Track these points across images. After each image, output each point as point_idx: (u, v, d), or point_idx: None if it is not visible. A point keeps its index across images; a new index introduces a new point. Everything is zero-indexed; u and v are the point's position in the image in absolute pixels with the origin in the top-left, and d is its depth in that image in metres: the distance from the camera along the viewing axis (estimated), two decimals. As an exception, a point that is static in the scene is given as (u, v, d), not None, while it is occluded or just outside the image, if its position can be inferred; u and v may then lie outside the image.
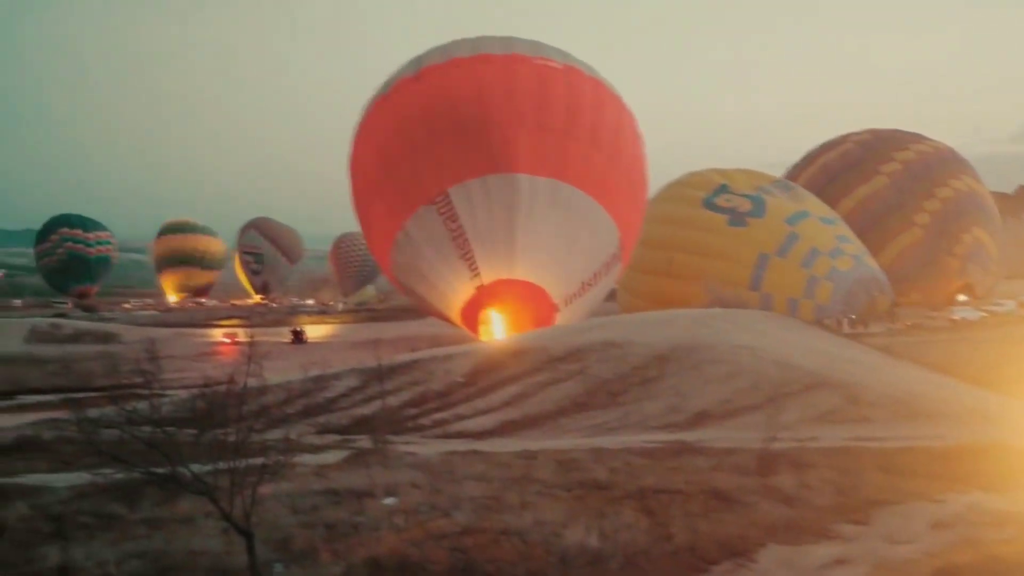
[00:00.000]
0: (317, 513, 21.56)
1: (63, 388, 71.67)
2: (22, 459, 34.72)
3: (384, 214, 79.39)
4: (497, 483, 24.47)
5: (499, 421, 43.42)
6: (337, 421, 45.21)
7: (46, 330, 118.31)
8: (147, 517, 21.90)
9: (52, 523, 21.54)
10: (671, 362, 47.68)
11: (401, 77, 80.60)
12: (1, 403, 66.60)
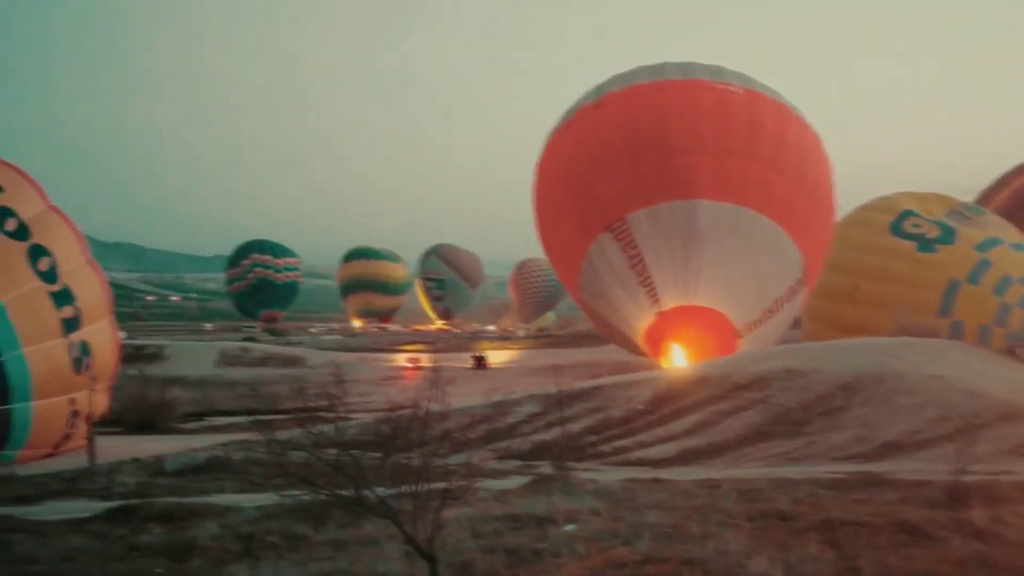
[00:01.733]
0: (499, 538, 21.62)
1: (252, 410, 73.38)
2: (213, 479, 35.72)
3: (567, 241, 79.83)
4: (679, 512, 24.23)
5: (680, 449, 43.08)
6: (518, 447, 45.42)
7: (236, 353, 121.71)
8: (332, 539, 22.28)
9: (241, 543, 22.06)
10: (857, 391, 46.71)
11: (582, 105, 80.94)
12: (192, 424, 68.55)
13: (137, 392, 67.90)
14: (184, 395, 79.88)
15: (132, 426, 62.54)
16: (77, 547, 21.97)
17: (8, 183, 48.95)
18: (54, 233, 49.48)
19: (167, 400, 69.48)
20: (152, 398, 68.05)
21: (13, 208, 47.96)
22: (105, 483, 35.72)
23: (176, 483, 35.07)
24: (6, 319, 45.17)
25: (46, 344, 46.34)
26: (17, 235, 47.33)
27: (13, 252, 46.97)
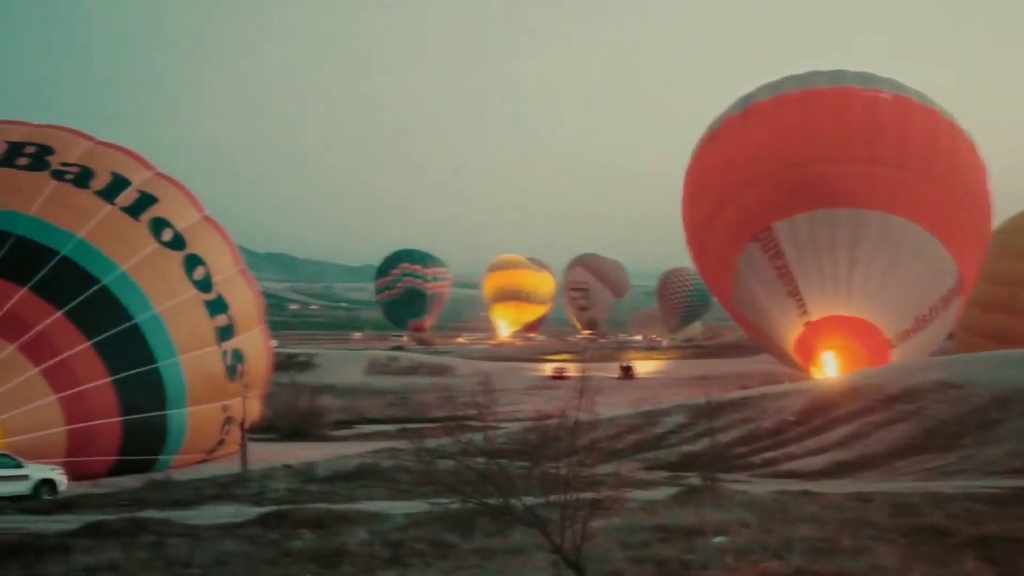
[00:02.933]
0: (647, 549, 21.43)
1: (400, 418, 74.24)
2: (362, 486, 36.12)
3: (717, 251, 79.52)
4: (830, 525, 23.77)
5: (831, 461, 42.35)
6: (666, 457, 45.13)
7: (384, 362, 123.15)
8: (480, 547, 22.30)
9: (390, 549, 22.21)
10: (1015, 404, 45.37)
11: (729, 115, 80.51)
12: (342, 431, 69.46)
13: (288, 400, 69.07)
14: (334, 403, 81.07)
15: (284, 433, 63.64)
16: (230, 551, 22.35)
17: (164, 194, 50.24)
18: (209, 243, 50.66)
19: (318, 408, 70.53)
20: (303, 406, 69.15)
21: (169, 219, 49.21)
22: (258, 488, 36.37)
23: (326, 489, 35.55)
24: (162, 327, 46.33)
25: (201, 352, 47.43)
26: (173, 245, 48.54)
27: (169, 262, 48.18)
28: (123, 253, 47.07)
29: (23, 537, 24.49)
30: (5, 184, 47.62)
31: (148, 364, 45.62)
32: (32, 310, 44.10)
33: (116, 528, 25.21)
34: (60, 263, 45.49)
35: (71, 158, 49.44)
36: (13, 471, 36.58)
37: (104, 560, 21.51)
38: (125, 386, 44.66)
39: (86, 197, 48.17)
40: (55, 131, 52.02)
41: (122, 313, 45.73)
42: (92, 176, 48.88)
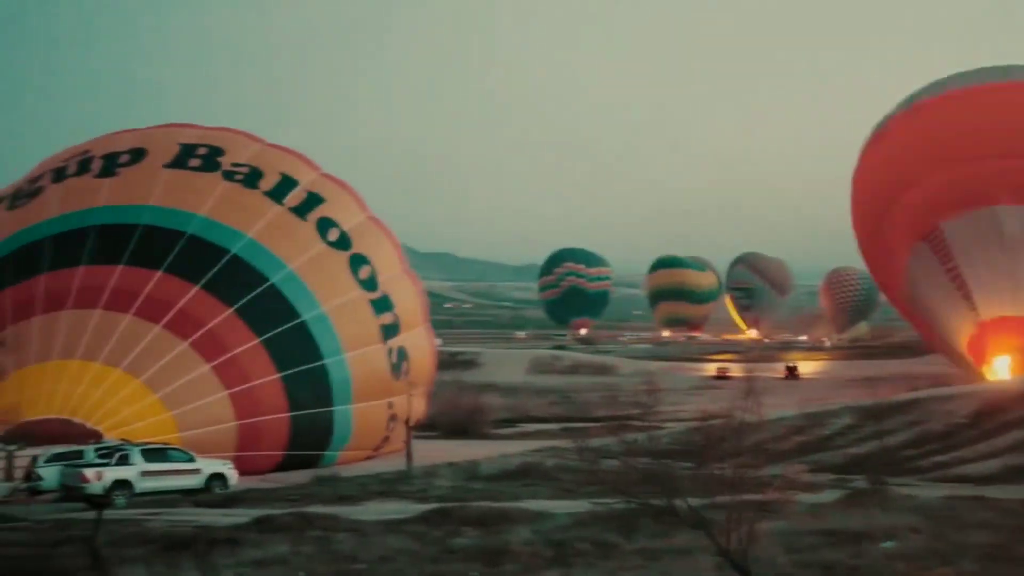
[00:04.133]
0: (814, 553, 21.02)
1: (563, 417, 74.24)
2: (525, 485, 36.13)
3: (886, 251, 78.10)
4: (1004, 532, 23.03)
5: (1005, 466, 40.98)
6: (831, 459, 44.25)
7: (547, 361, 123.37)
8: (643, 548, 22.10)
9: (553, 549, 22.14)
10: None
11: (895, 114, 79.09)
12: (505, 430, 69.71)
13: (452, 398, 69.54)
14: (497, 401, 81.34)
15: (447, 431, 64.08)
16: (395, 547, 22.52)
17: (331, 194, 51.05)
18: (374, 243, 51.33)
19: (481, 406, 70.86)
20: (467, 404, 69.56)
21: (335, 219, 49.98)
22: (422, 486, 36.65)
23: (490, 488, 35.66)
24: (329, 325, 47.07)
25: (366, 349, 48.06)
26: (339, 245, 49.28)
27: (336, 261, 48.94)
28: (291, 252, 47.99)
29: (195, 530, 25.05)
30: (178, 184, 48.96)
31: (315, 361, 46.41)
32: (204, 308, 45.25)
33: (284, 523, 25.63)
34: (231, 262, 46.59)
35: (241, 159, 50.57)
36: (186, 465, 37.49)
37: (272, 554, 21.88)
38: (293, 382, 45.52)
39: (255, 197, 49.24)
40: (226, 133, 53.28)
41: (290, 311, 46.62)
42: (261, 177, 49.93)
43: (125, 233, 47.05)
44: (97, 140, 53.72)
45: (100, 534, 22.68)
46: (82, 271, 46.07)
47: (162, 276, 45.85)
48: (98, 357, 43.47)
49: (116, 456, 36.24)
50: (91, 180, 49.92)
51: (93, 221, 47.78)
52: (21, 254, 47.38)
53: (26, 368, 42.78)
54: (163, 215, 47.75)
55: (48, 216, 48.52)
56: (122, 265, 46.06)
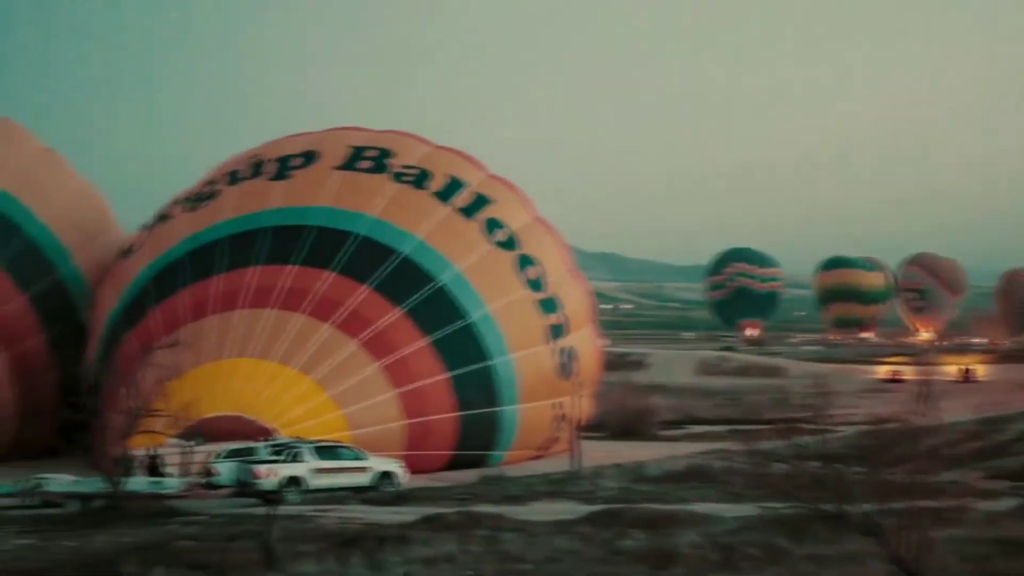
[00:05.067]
0: (989, 563, 20.42)
1: (730, 420, 73.39)
2: (693, 487, 35.83)
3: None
4: None
5: None
6: (1010, 466, 42.89)
7: (715, 363, 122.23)
8: (813, 553, 21.73)
9: (721, 553, 21.90)
10: None
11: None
12: (672, 432, 69.23)
13: (619, 398, 69.25)
14: (664, 403, 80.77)
15: (614, 431, 63.86)
16: (562, 548, 22.53)
17: (498, 195, 51.32)
18: (540, 243, 51.45)
19: (648, 407, 70.44)
20: (633, 405, 69.21)
21: (503, 219, 50.23)
22: (589, 487, 36.59)
23: (657, 489, 35.46)
24: (496, 326, 47.32)
25: (533, 350, 48.18)
26: (507, 245, 49.51)
27: (502, 261, 49.18)
28: (459, 253, 48.41)
29: (365, 527, 25.42)
30: (349, 186, 49.81)
31: (482, 361, 46.72)
32: (374, 308, 45.96)
33: (452, 521, 25.85)
34: (400, 262, 47.22)
35: (410, 161, 51.18)
36: (356, 463, 38.02)
37: (441, 552, 22.07)
38: (460, 382, 45.89)
39: (424, 198, 49.80)
40: (395, 136, 53.98)
41: (457, 312, 47.02)
42: (429, 178, 50.46)
43: (297, 234, 48.04)
44: (270, 144, 54.95)
45: (273, 530, 23.14)
46: (256, 271, 47.19)
47: (333, 276, 46.69)
48: (271, 356, 44.45)
49: (289, 453, 36.96)
50: (264, 183, 51.11)
51: (266, 223, 48.90)
52: (197, 255, 48.75)
53: (202, 366, 43.87)
54: (334, 216, 48.62)
55: (223, 218, 49.84)
56: (294, 265, 47.04)
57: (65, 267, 53.80)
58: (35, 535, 28.73)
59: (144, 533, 28.05)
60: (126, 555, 23.09)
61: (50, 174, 56.63)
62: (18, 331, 51.29)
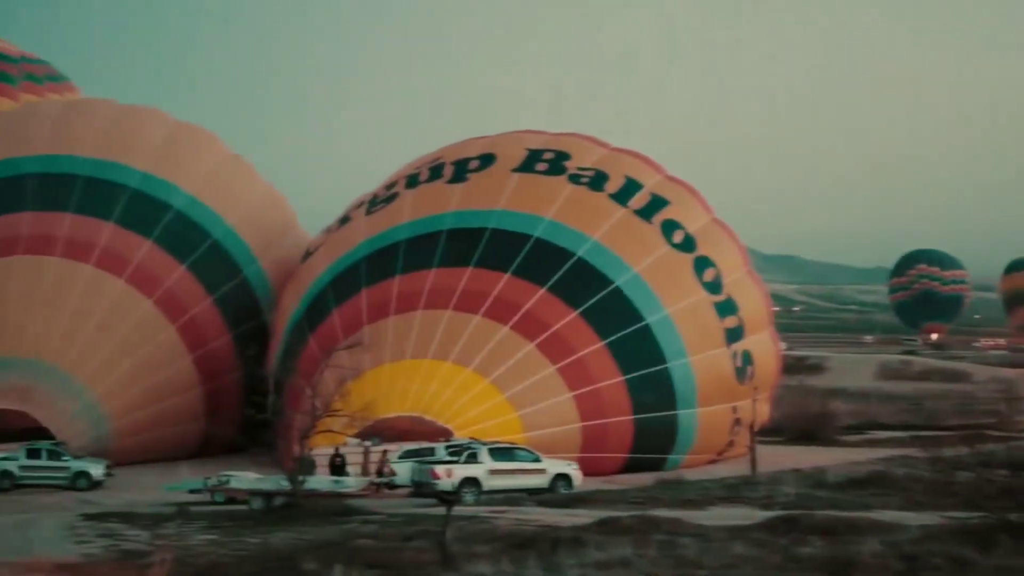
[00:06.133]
0: None
1: (912, 426, 71.65)
2: (874, 494, 35.00)
3: None
4: None
5: None
6: None
7: (896, 367, 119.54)
8: (1001, 565, 20.98)
9: (904, 562, 21.33)
10: None
11: None
12: (852, 437, 67.89)
13: (797, 402, 68.25)
14: (843, 407, 79.23)
15: (792, 436, 62.92)
16: (739, 554, 22.20)
17: (675, 197, 51.02)
18: (718, 245, 50.98)
19: (827, 412, 69.24)
20: (812, 409, 68.12)
21: (680, 221, 49.91)
22: (766, 492, 36.05)
23: (836, 496, 34.72)
24: (673, 328, 47.06)
25: (710, 353, 47.75)
26: (684, 247, 49.18)
27: (680, 264, 48.87)
28: (636, 255, 48.27)
29: (540, 529, 25.45)
30: (526, 188, 50.08)
31: (659, 364, 46.49)
32: (550, 310, 46.13)
33: (628, 525, 25.69)
34: (576, 264, 47.31)
35: (586, 163, 51.22)
36: (532, 465, 38.11)
37: (616, 556, 21.94)
38: (637, 385, 45.75)
39: (601, 200, 49.79)
40: (571, 138, 54.10)
41: (634, 314, 46.91)
42: (606, 180, 50.42)
43: (474, 237, 48.55)
44: (449, 147, 55.55)
45: (449, 530, 23.31)
46: (433, 273, 47.84)
47: (509, 278, 47.02)
48: (449, 357, 44.98)
49: (465, 454, 37.24)
50: (443, 186, 51.73)
51: (444, 225, 49.53)
52: (376, 258, 49.62)
53: (381, 367, 44.65)
54: (511, 219, 48.96)
55: (402, 221, 50.62)
56: (471, 268, 47.50)
57: (250, 269, 55.43)
58: (219, 531, 29.56)
59: (324, 531, 28.61)
60: (306, 552, 23.55)
61: (236, 179, 58.40)
62: (205, 332, 53.00)
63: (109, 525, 31.61)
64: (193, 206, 54.70)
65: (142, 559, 23.81)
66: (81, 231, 52.51)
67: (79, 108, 62.86)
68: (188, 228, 54.20)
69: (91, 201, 53.42)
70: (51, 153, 54.95)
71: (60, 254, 51.62)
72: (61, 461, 43.91)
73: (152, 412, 50.38)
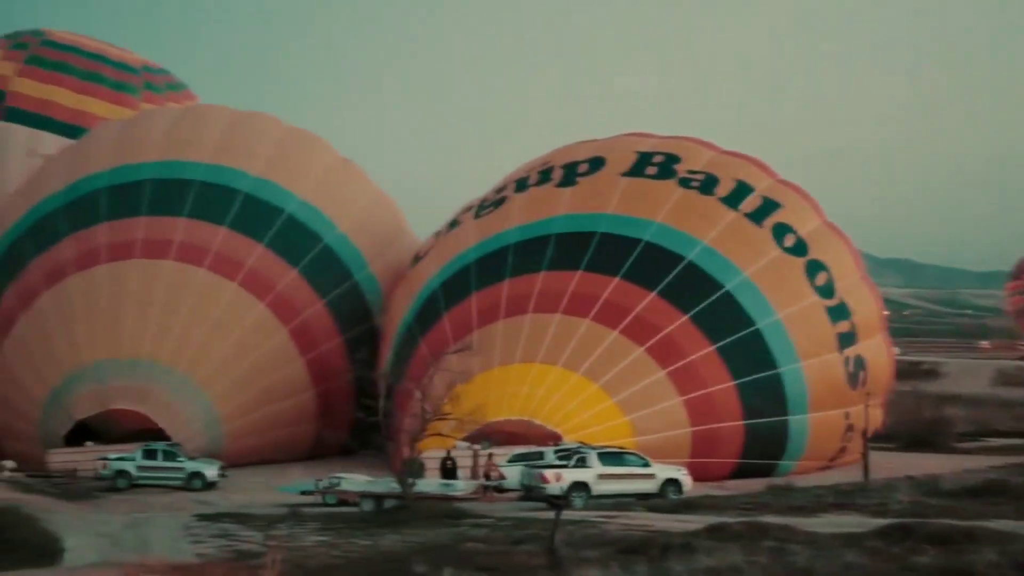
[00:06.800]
0: None
1: (1032, 433, 70.32)
2: (990, 503, 34.36)
3: None
4: None
5: None
6: None
7: (1013, 373, 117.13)
8: None
9: (1020, 572, 20.93)
10: None
11: None
12: (968, 444, 66.72)
13: (911, 408, 67.25)
14: (959, 413, 77.89)
15: (906, 442, 61.97)
16: (850, 562, 21.93)
17: (787, 200, 50.53)
18: (830, 249, 50.37)
19: (942, 418, 68.13)
20: (926, 415, 67.09)
21: (792, 224, 49.41)
22: (879, 499, 35.56)
23: (951, 504, 34.13)
24: (784, 333, 46.61)
25: (822, 358, 47.19)
26: (795, 251, 48.68)
27: (791, 268, 48.38)
28: (747, 259, 47.90)
29: (649, 534, 25.38)
30: (635, 192, 49.98)
31: (770, 369, 46.08)
32: (660, 314, 46.00)
33: (738, 531, 25.52)
34: (686, 268, 47.09)
35: (696, 166, 50.94)
36: (642, 469, 37.98)
37: (726, 562, 21.81)
38: (748, 390, 45.41)
39: (711, 204, 49.48)
40: (681, 141, 53.83)
41: (745, 318, 46.56)
42: (716, 183, 50.11)
43: (584, 240, 48.55)
44: (558, 151, 55.57)
45: (558, 534, 23.35)
46: (543, 277, 47.95)
47: (619, 282, 46.96)
48: (558, 361, 45.04)
49: (575, 458, 37.23)
50: (552, 189, 51.79)
51: (553, 229, 49.60)
52: (486, 261, 49.86)
53: (490, 370, 44.83)
54: (620, 223, 48.87)
55: (511, 225, 50.80)
56: (581, 271, 47.52)
57: (361, 273, 55.98)
58: (331, 532, 29.93)
59: (433, 534, 28.81)
60: (417, 555, 23.72)
61: (347, 184, 59.02)
62: (317, 335, 53.62)
63: (223, 526, 32.25)
64: (305, 210, 55.38)
65: (254, 560, 24.20)
66: (195, 235, 53.47)
67: (193, 114, 64.07)
68: (300, 232, 54.88)
69: (205, 206, 54.36)
70: (166, 159, 56.05)
71: (175, 258, 52.62)
72: (176, 462, 44.83)
73: (265, 414, 51.13)
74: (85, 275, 52.52)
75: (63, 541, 28.61)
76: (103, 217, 54.21)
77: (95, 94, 75.97)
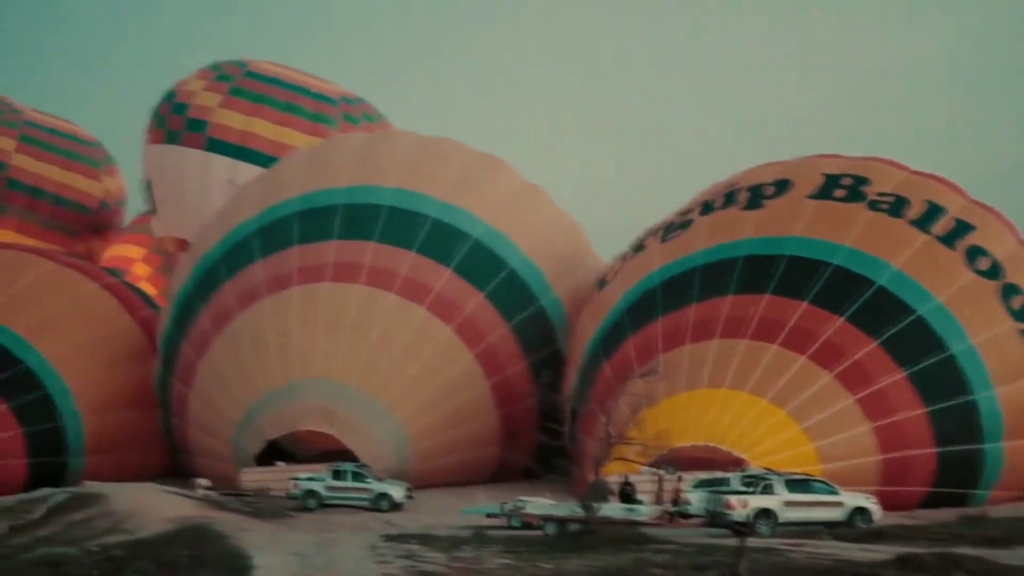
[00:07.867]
0: None
1: None
2: None
3: None
4: None
5: None
6: None
7: None
8: None
9: None
10: None
11: None
12: None
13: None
14: None
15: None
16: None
17: (980, 222, 49.12)
18: (1026, 272, 48.74)
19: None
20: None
21: (985, 247, 48.01)
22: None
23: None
24: (978, 359, 45.30)
25: (1018, 384, 45.70)
26: (989, 274, 47.30)
27: (986, 291, 47.00)
28: (939, 283, 46.73)
29: (836, 563, 24.98)
30: (823, 215, 49.19)
31: (964, 396, 44.81)
32: (848, 339, 45.19)
33: (928, 562, 25.02)
34: (876, 293, 46.15)
35: (886, 188, 49.86)
36: (829, 497, 37.32)
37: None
38: (940, 417, 44.25)
39: (901, 226, 48.39)
40: (870, 162, 52.73)
41: (938, 344, 45.40)
42: (907, 205, 48.98)
43: (771, 264, 47.98)
44: (744, 173, 55.04)
45: (743, 562, 23.12)
46: (730, 301, 47.60)
47: (807, 307, 46.31)
48: (745, 387, 44.62)
49: (760, 485, 36.78)
50: (737, 212, 51.33)
51: (740, 252, 49.13)
52: (672, 284, 49.70)
53: (676, 395, 44.61)
54: (808, 246, 48.16)
55: (697, 248, 50.49)
56: (768, 295, 46.99)
57: (546, 297, 56.30)
58: (514, 555, 30.11)
59: (617, 559, 28.77)
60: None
61: (531, 208, 59.42)
62: (502, 359, 54.11)
63: (408, 547, 32.69)
64: (490, 235, 56.02)
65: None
66: (384, 260, 54.53)
67: (381, 139, 65.41)
68: (486, 257, 55.53)
69: (394, 231, 55.43)
70: (357, 184, 57.35)
71: (365, 282, 53.73)
72: (364, 483, 45.69)
73: (451, 436, 51.79)
74: (277, 298, 54.04)
75: (252, 559, 29.38)
76: (295, 241, 55.77)
77: (293, 125, 77.62)
